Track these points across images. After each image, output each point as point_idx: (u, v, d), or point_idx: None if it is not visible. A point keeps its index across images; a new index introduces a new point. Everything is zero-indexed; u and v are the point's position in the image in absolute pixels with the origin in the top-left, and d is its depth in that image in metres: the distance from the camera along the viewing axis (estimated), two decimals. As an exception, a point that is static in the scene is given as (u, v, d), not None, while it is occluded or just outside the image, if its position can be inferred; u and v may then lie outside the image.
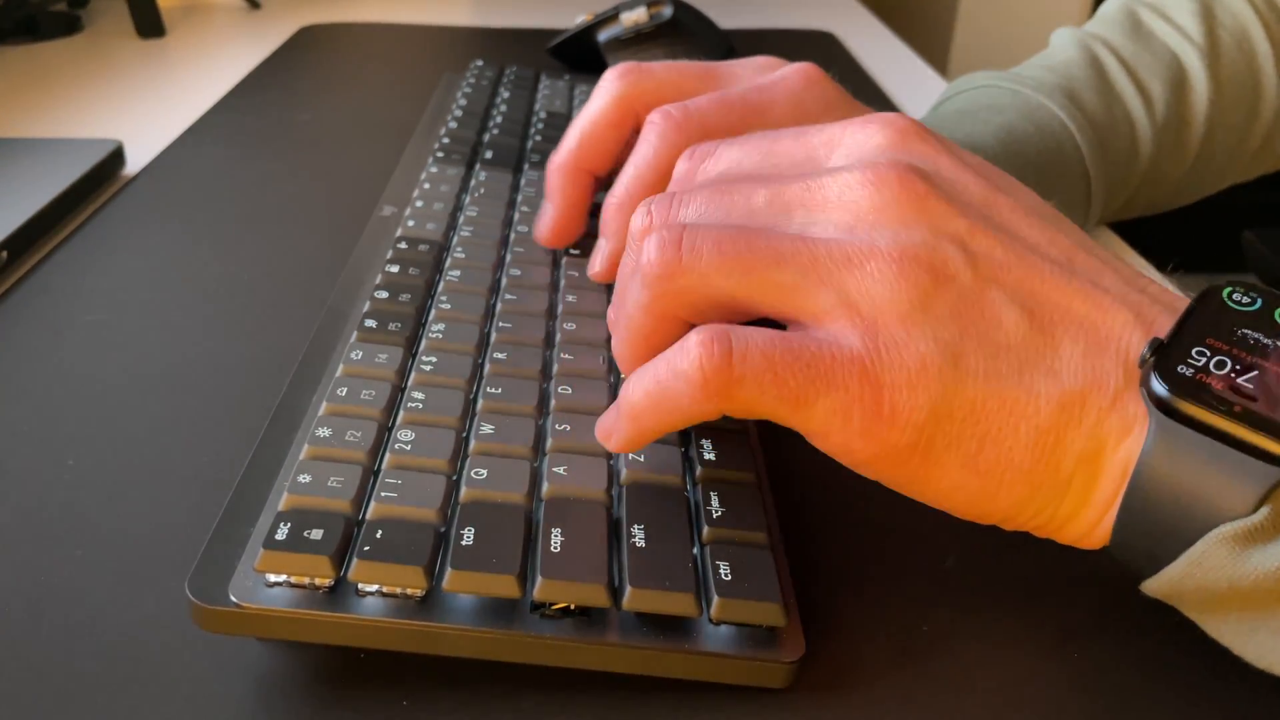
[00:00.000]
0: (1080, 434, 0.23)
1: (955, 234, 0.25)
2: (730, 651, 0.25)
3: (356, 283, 0.38)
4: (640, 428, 0.26)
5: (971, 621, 0.28)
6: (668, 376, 0.24)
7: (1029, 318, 0.24)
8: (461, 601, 0.25)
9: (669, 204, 0.28)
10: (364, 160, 0.56)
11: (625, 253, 0.29)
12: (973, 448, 0.24)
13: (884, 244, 0.24)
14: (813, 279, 0.24)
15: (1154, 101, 0.47)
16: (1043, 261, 0.25)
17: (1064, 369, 0.24)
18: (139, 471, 0.32)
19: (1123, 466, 0.23)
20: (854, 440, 0.24)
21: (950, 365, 0.23)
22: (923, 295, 0.24)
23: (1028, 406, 0.23)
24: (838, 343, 0.24)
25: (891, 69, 0.78)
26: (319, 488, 0.26)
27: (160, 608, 0.27)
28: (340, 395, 0.30)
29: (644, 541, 0.26)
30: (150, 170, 0.54)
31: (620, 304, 0.28)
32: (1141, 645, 0.28)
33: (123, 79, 0.69)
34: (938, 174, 0.26)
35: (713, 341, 0.24)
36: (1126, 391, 0.23)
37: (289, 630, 0.24)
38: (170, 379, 0.37)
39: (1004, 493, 0.24)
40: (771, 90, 0.36)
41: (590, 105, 0.37)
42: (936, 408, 0.23)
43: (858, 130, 0.28)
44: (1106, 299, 0.24)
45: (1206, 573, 0.22)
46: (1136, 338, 0.24)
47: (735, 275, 0.25)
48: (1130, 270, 0.26)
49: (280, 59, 0.73)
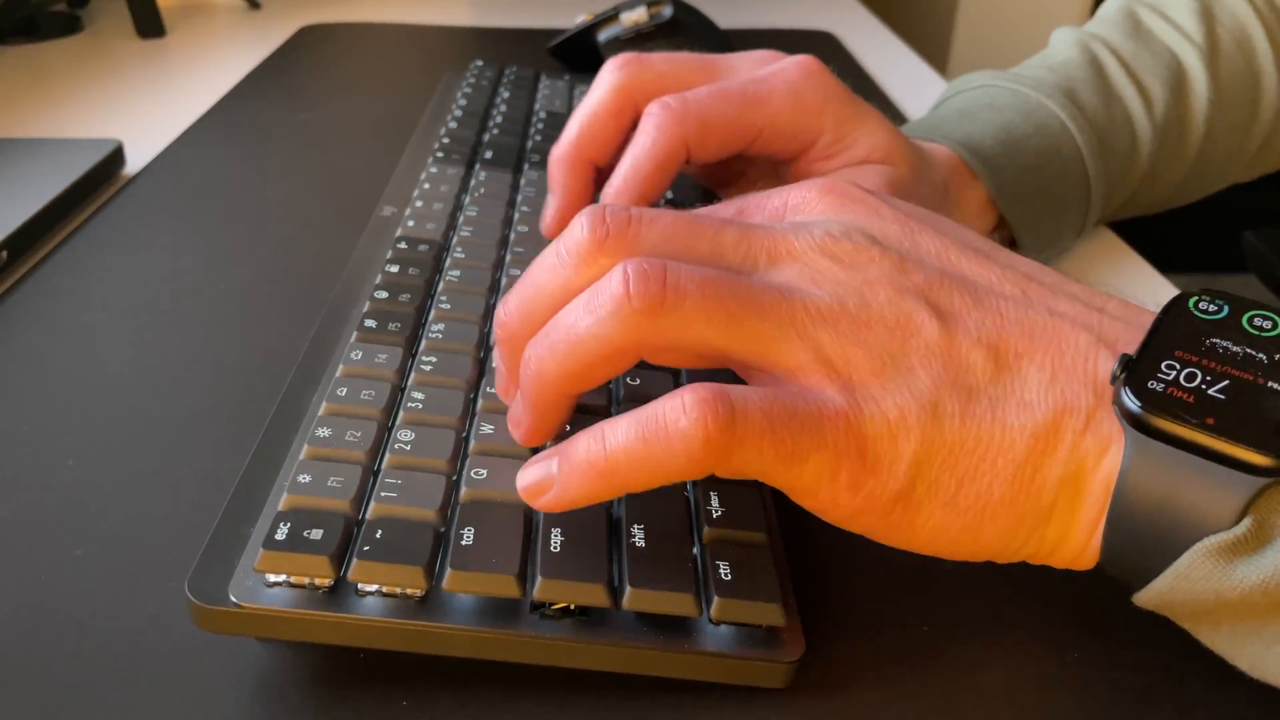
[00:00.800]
0: (1057, 460, 0.24)
1: (915, 288, 0.25)
2: (730, 651, 0.25)
3: (356, 283, 0.38)
4: (608, 484, 0.24)
5: (972, 622, 0.28)
6: (657, 434, 0.23)
7: (994, 357, 0.24)
8: (461, 601, 0.25)
9: (627, 219, 0.25)
10: (364, 160, 0.56)
11: (554, 255, 0.26)
12: (952, 488, 0.24)
13: (852, 304, 0.25)
14: (790, 333, 0.24)
15: (1154, 101, 0.47)
16: (999, 300, 0.25)
17: (1035, 400, 0.24)
18: (139, 471, 0.32)
19: (1104, 486, 0.23)
20: (841, 494, 0.24)
21: (928, 414, 0.24)
22: (893, 351, 0.24)
23: (1004, 441, 0.24)
24: (821, 399, 0.24)
25: (891, 69, 0.78)
26: (319, 488, 0.26)
27: (160, 608, 0.27)
28: (340, 395, 0.30)
29: (644, 541, 0.26)
30: (150, 170, 0.54)
31: (562, 327, 0.24)
32: (1142, 648, 0.28)
33: (122, 79, 0.69)
34: (886, 232, 0.27)
35: (716, 401, 0.22)
36: (1099, 411, 0.24)
37: (289, 630, 0.24)
38: (170, 379, 0.37)
39: (988, 527, 0.24)
40: (770, 82, 0.36)
41: (590, 96, 0.37)
42: (917, 454, 0.24)
43: (799, 200, 0.28)
44: (1064, 324, 0.25)
45: (1193, 585, 0.22)
46: (1101, 357, 0.24)
47: (716, 322, 0.24)
48: (1086, 290, 0.26)
49: (280, 59, 0.73)
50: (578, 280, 0.25)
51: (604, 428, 0.24)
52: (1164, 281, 0.49)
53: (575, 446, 0.24)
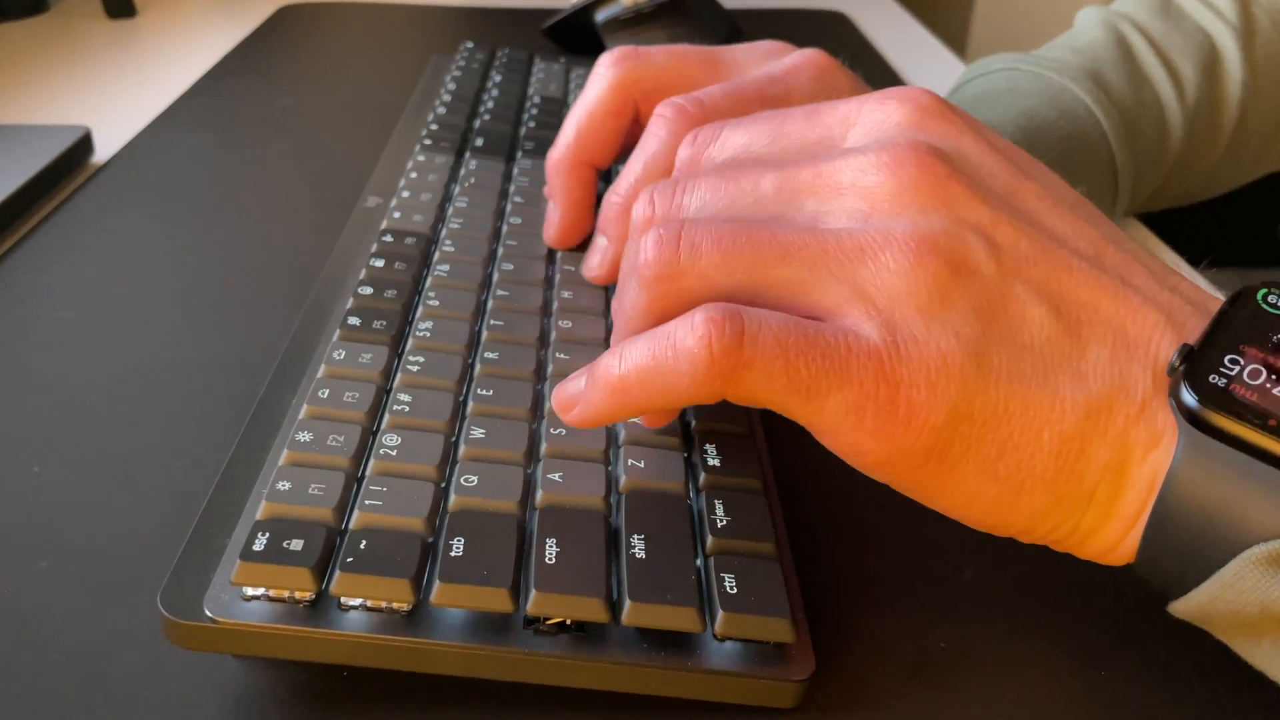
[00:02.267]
0: (1106, 443, 0.23)
1: (978, 223, 0.24)
2: (736, 669, 0.25)
3: (339, 278, 0.38)
4: (621, 403, 0.25)
5: (991, 637, 0.28)
6: (666, 352, 0.24)
7: (1055, 316, 0.24)
8: (450, 616, 0.25)
9: (672, 191, 0.28)
10: (347, 148, 0.56)
11: (627, 246, 0.29)
12: (992, 453, 0.23)
13: (900, 232, 0.24)
14: (822, 272, 0.24)
15: (1185, 84, 0.47)
16: (1070, 255, 0.25)
17: (1091, 373, 0.23)
18: (108, 479, 0.32)
19: (1149, 480, 0.23)
20: (865, 440, 0.23)
21: (973, 364, 0.23)
22: (942, 288, 0.24)
23: (1052, 411, 0.23)
24: (854, 334, 0.23)
25: (906, 51, 0.78)
26: (299, 495, 0.26)
27: (131, 623, 0.27)
28: (322, 397, 0.30)
29: (644, 552, 0.26)
30: (120, 158, 0.54)
31: (620, 304, 0.28)
32: (1172, 663, 0.28)
33: (91, 61, 0.69)
34: (960, 156, 0.26)
35: (724, 319, 0.23)
36: (1155, 400, 0.23)
37: (267, 647, 0.24)
38: (142, 380, 0.37)
39: (1024, 502, 0.24)
40: (785, 81, 0.36)
41: (586, 94, 0.37)
42: (956, 409, 0.23)
43: (875, 107, 0.27)
44: (1136, 298, 0.24)
45: (1238, 595, 0.22)
46: (1167, 342, 0.24)
47: (738, 273, 0.25)
48: (1162, 267, 0.26)
49: (258, 40, 0.73)
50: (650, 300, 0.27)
51: (624, 346, 0.25)
52: (1198, 277, 0.49)
53: (600, 364, 0.26)
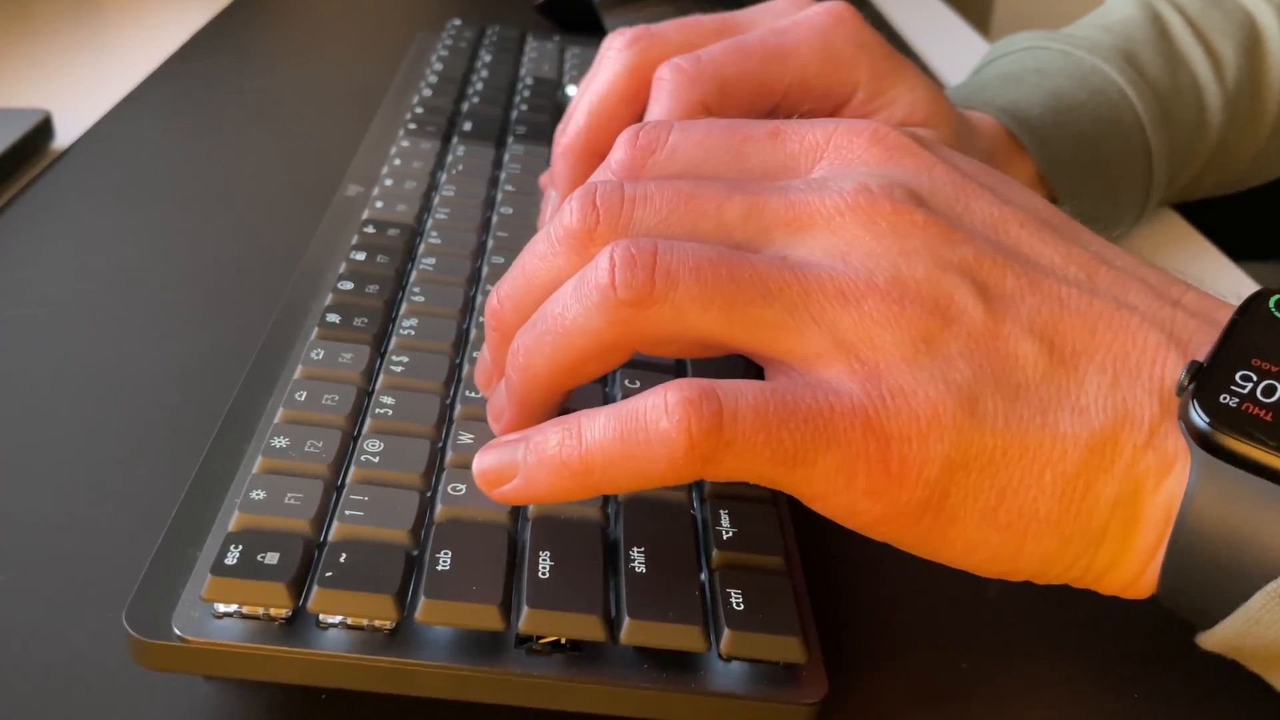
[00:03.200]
0: (1113, 477, 0.23)
1: (961, 263, 0.25)
2: (743, 692, 0.25)
3: (317, 272, 0.38)
4: (580, 484, 0.24)
5: (1016, 659, 0.28)
6: (637, 435, 0.23)
7: (1049, 351, 0.24)
8: (436, 635, 0.25)
9: (619, 200, 0.26)
10: (326, 133, 0.56)
11: (545, 242, 0.26)
12: (991, 500, 0.24)
13: (882, 279, 0.24)
14: (803, 317, 0.24)
15: (1224, 65, 0.47)
16: (1059, 284, 0.25)
17: (1091, 405, 0.24)
18: (71, 486, 0.32)
19: (1165, 509, 0.23)
20: (860, 501, 0.24)
21: (965, 411, 0.23)
22: (928, 336, 0.24)
23: (1053, 451, 0.23)
24: (836, 392, 0.23)
25: (926, 28, 0.78)
26: (274, 505, 0.26)
27: (94, 642, 0.27)
28: (299, 400, 0.30)
29: (644, 566, 0.26)
30: (83, 144, 0.54)
31: (549, 317, 0.25)
32: (1209, 687, 0.28)
33: (52, 40, 0.69)
34: (935, 193, 0.26)
35: (701, 400, 0.23)
36: (1164, 424, 0.23)
37: (240, 668, 0.24)
38: (106, 381, 0.37)
39: (1030, 547, 0.24)
40: (795, 32, 0.36)
41: (598, 78, 0.37)
42: (950, 459, 0.23)
43: (843, 141, 0.27)
44: (1134, 319, 0.24)
45: (1265, 630, 0.22)
46: (1171, 361, 0.24)
47: (714, 309, 0.24)
48: (1163, 277, 0.26)
49: (230, 18, 0.73)
50: (568, 269, 0.26)
51: (580, 420, 0.24)
52: (1236, 271, 0.49)
53: (547, 438, 0.24)
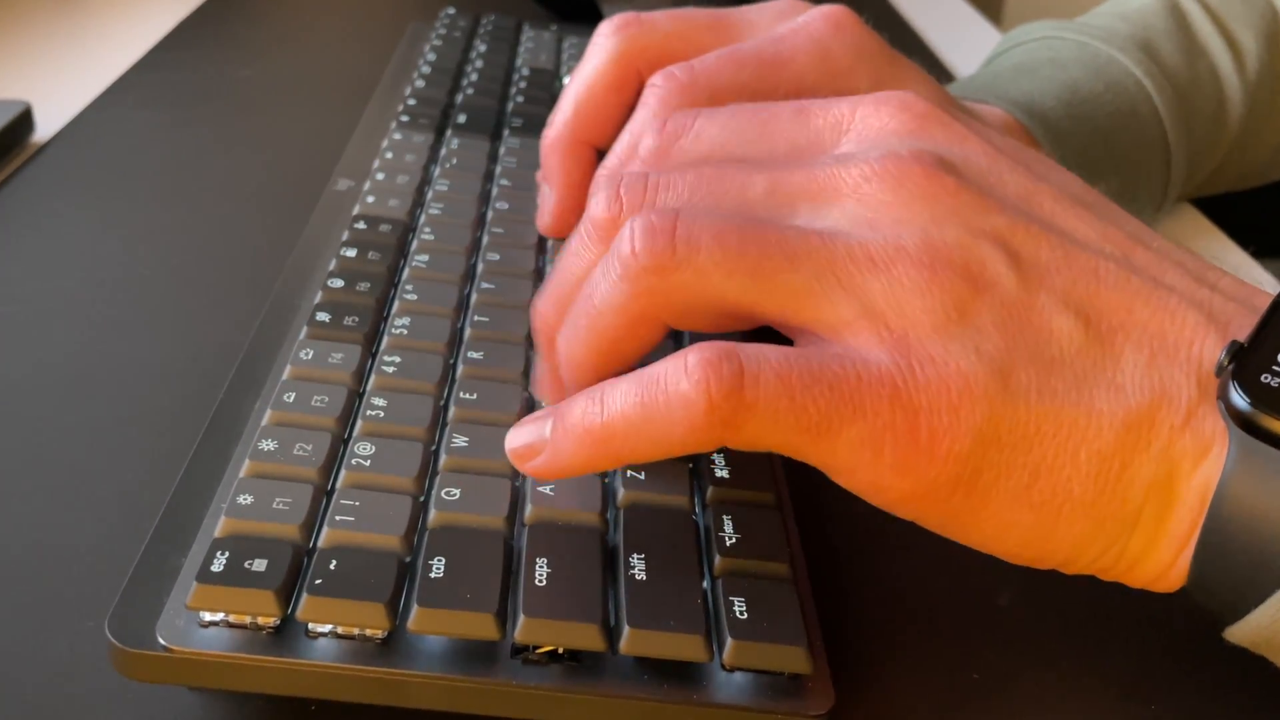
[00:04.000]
0: (1149, 458, 0.23)
1: (994, 232, 0.25)
2: (746, 703, 0.25)
3: (306, 269, 0.38)
4: (602, 453, 0.25)
5: (1029, 668, 0.28)
6: (657, 398, 0.23)
7: (1085, 325, 0.24)
8: (430, 644, 0.25)
9: (642, 187, 0.27)
10: (315, 125, 0.56)
11: (578, 238, 0.28)
12: (1025, 478, 0.24)
13: (912, 244, 0.24)
14: (830, 283, 0.24)
15: (1245, 55, 0.47)
16: (1096, 258, 0.25)
17: (1128, 383, 0.24)
18: (51, 491, 0.32)
19: (1200, 494, 0.23)
20: (886, 476, 0.24)
21: (998, 383, 0.23)
22: (960, 304, 0.24)
23: (1088, 429, 0.23)
24: (863, 360, 0.23)
25: (936, 18, 0.78)
26: (262, 510, 0.26)
27: (75, 651, 0.27)
28: (287, 401, 0.30)
29: (645, 574, 0.26)
30: (63, 137, 0.54)
31: (581, 301, 0.26)
32: (1229, 698, 0.28)
33: (32, 29, 0.69)
34: (968, 163, 0.26)
35: (721, 361, 0.23)
36: (1201, 406, 0.23)
37: (227, 678, 0.24)
38: (89, 382, 0.37)
39: (1063, 529, 0.24)
40: (792, 40, 0.36)
41: (584, 66, 0.37)
42: (983, 433, 0.23)
43: (870, 111, 0.27)
44: (1172, 299, 0.24)
45: None
46: (1210, 343, 0.24)
47: (738, 275, 0.24)
48: (1198, 262, 0.26)
49: (217, 6, 0.73)
50: (600, 260, 0.26)
51: (603, 389, 0.24)
52: (1258, 269, 0.49)
53: (572, 409, 0.25)
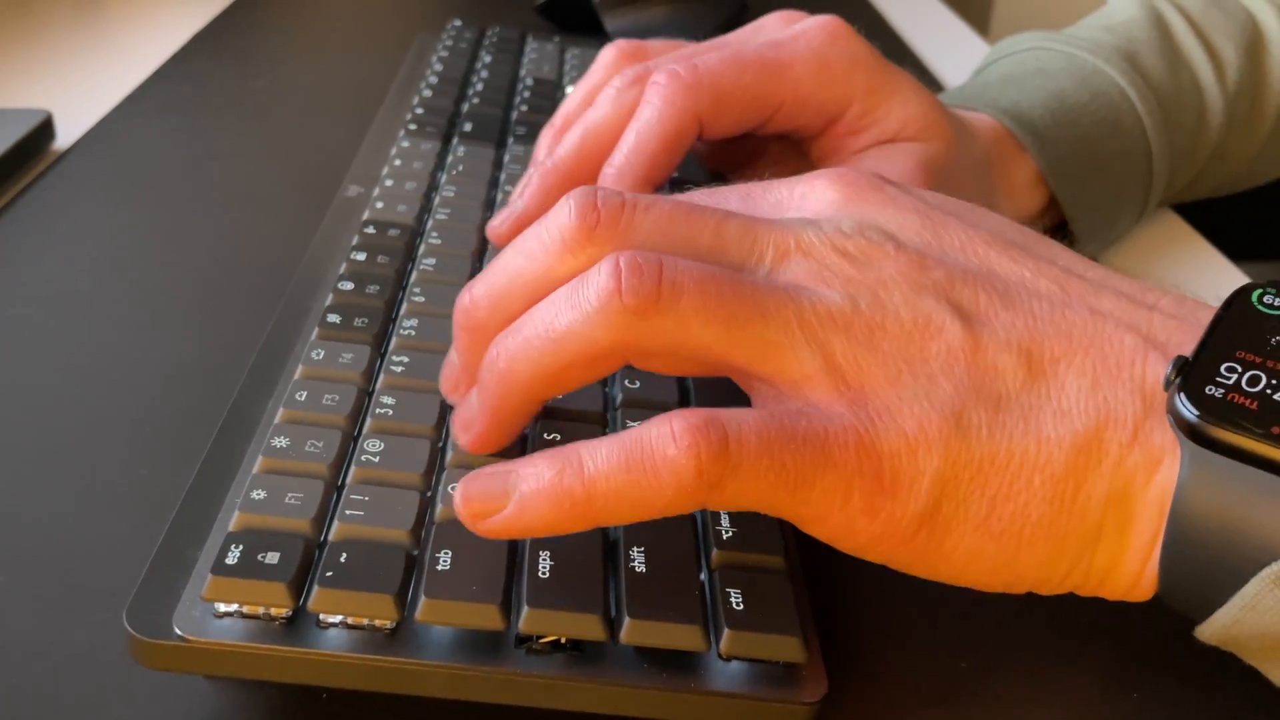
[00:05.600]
0: (1102, 475, 0.24)
1: (935, 286, 0.25)
2: (742, 691, 0.25)
3: (318, 272, 0.38)
4: (581, 514, 0.24)
5: (1017, 658, 0.28)
6: (644, 463, 0.23)
7: (1026, 361, 0.24)
8: (437, 634, 0.25)
9: (621, 202, 0.26)
10: (326, 133, 0.56)
11: (535, 240, 0.26)
12: (983, 509, 0.24)
13: (865, 305, 0.25)
14: (797, 338, 0.24)
15: (1225, 66, 0.47)
16: (1031, 298, 0.25)
17: (1073, 408, 0.24)
18: (71, 487, 0.32)
19: (1158, 505, 0.24)
20: (856, 520, 0.24)
21: (950, 425, 0.24)
22: (909, 356, 0.24)
23: (1039, 455, 0.24)
24: (826, 415, 0.24)
25: (926, 30, 0.78)
26: (275, 505, 0.26)
27: (94, 642, 0.27)
28: (299, 400, 0.30)
29: (644, 566, 0.26)
30: (83, 144, 0.54)
31: (538, 321, 0.25)
32: (1207, 688, 0.28)
33: (53, 40, 0.69)
34: (904, 227, 0.27)
35: (708, 427, 0.23)
36: (1148, 421, 0.24)
37: (241, 667, 0.24)
38: (107, 381, 0.37)
39: (1025, 553, 0.24)
40: (791, 46, 0.36)
41: (595, 112, 0.36)
42: (940, 473, 0.24)
43: (807, 190, 0.28)
44: (1108, 325, 0.25)
45: (1260, 617, 0.22)
46: (1151, 360, 0.24)
47: (716, 325, 0.24)
48: (1135, 285, 0.26)
49: (231, 18, 0.73)
50: (560, 269, 0.26)
51: (581, 451, 0.24)
52: (1236, 271, 0.49)
53: (540, 468, 0.24)
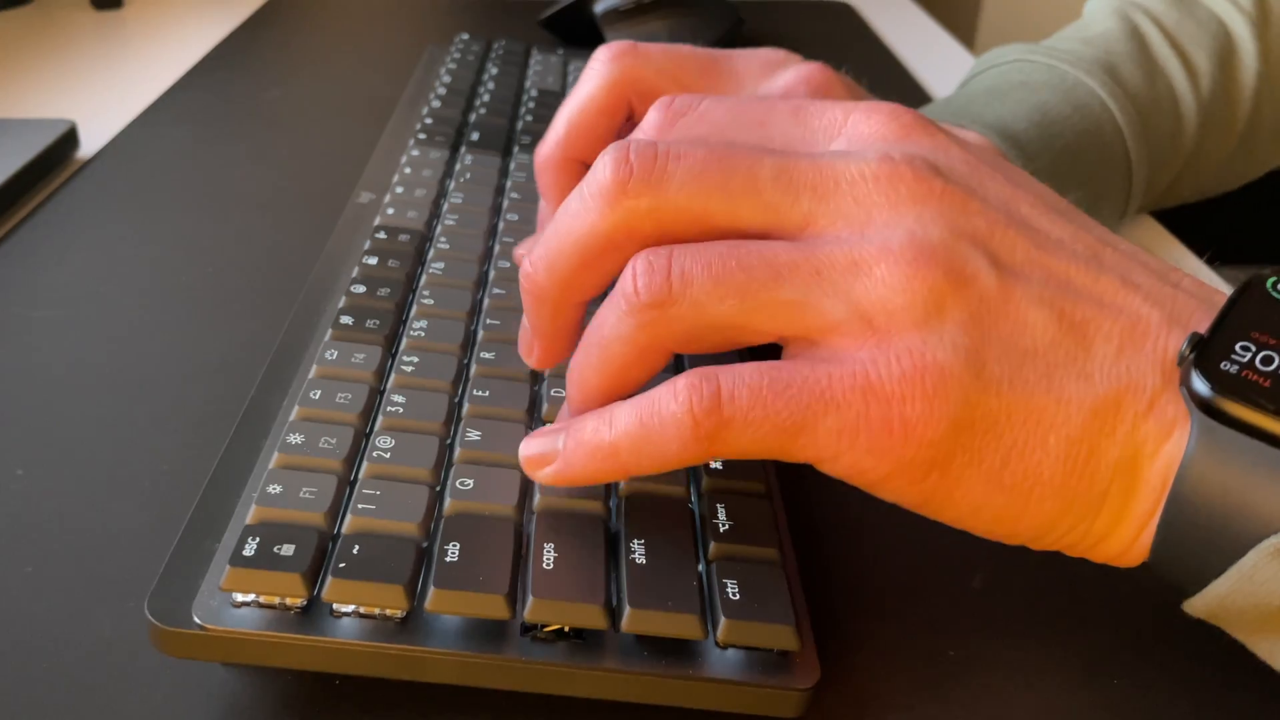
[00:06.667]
0: (1115, 442, 0.23)
1: (975, 231, 0.25)
2: (738, 678, 0.25)
3: (331, 276, 0.38)
4: (609, 467, 0.25)
5: (1001, 646, 0.28)
6: (652, 419, 0.24)
7: (1058, 318, 0.24)
8: (445, 623, 0.25)
9: (653, 154, 0.26)
10: (339, 142, 0.56)
11: (579, 199, 0.26)
12: (997, 462, 0.24)
13: (896, 244, 0.24)
14: (817, 293, 0.24)
15: (1199, 76, 0.47)
16: (1069, 259, 0.25)
17: (1096, 372, 0.24)
18: (94, 481, 0.32)
19: (1162, 475, 0.23)
20: (865, 459, 0.24)
21: (970, 373, 0.23)
22: (938, 300, 0.24)
23: (1057, 415, 0.23)
24: (838, 360, 0.24)
25: (913, 43, 0.78)
26: (290, 499, 0.26)
27: (117, 630, 0.27)
28: (313, 398, 0.30)
29: (644, 558, 0.26)
30: (106, 153, 0.54)
31: (592, 331, 0.27)
32: (1187, 672, 0.28)
33: (76, 53, 0.69)
34: (952, 168, 0.26)
35: (702, 382, 0.24)
36: (1164, 393, 0.24)
37: (257, 654, 0.24)
38: (128, 381, 0.37)
39: (1033, 509, 0.24)
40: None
41: (580, 89, 0.37)
42: (956, 420, 0.23)
43: (861, 119, 0.27)
44: (1138, 296, 0.25)
45: (1256, 588, 0.22)
46: (1173, 335, 0.24)
47: (730, 299, 0.24)
48: (1161, 264, 0.26)
49: (247, 32, 0.73)
50: (603, 225, 0.26)
51: (612, 411, 0.25)
52: (1211, 275, 0.49)
53: (584, 426, 0.26)
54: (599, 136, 0.37)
